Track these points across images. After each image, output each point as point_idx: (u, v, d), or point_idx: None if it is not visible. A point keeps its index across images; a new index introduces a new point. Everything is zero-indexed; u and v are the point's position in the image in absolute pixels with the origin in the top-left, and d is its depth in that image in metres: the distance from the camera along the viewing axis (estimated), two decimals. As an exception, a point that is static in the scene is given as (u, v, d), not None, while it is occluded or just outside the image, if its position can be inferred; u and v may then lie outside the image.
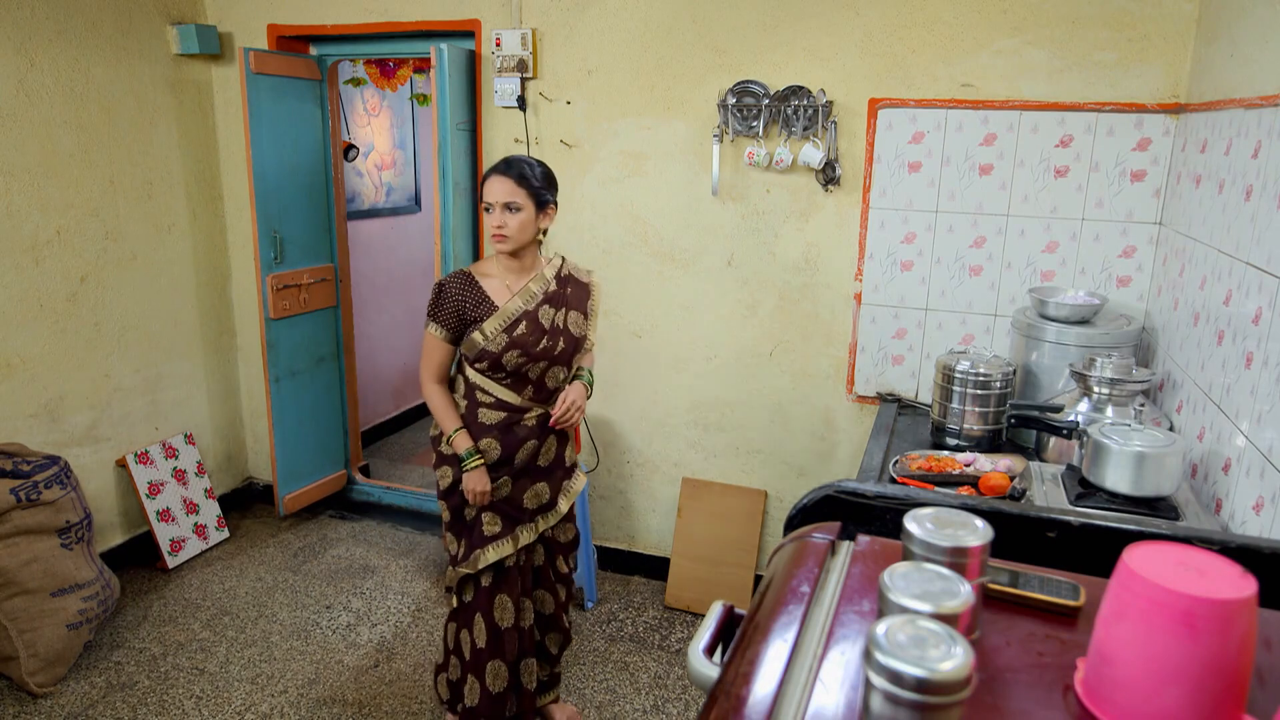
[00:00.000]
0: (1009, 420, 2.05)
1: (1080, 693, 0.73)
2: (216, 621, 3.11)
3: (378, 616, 3.16)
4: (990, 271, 2.76)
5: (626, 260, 3.20)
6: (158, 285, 3.53)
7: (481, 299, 2.16)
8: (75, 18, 3.11)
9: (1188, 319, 2.16)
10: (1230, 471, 1.75)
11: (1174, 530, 0.97)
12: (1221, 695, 0.66)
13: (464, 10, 3.21)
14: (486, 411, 2.20)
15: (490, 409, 2.20)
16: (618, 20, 3.02)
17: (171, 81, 3.51)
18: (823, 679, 0.75)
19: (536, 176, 2.13)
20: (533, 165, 2.15)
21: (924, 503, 0.99)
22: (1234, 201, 1.90)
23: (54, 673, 2.72)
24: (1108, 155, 2.57)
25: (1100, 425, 1.80)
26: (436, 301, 2.17)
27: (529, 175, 2.12)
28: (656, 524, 3.41)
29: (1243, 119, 1.90)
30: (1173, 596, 0.66)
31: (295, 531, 3.80)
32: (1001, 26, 2.59)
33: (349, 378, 3.97)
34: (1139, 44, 2.48)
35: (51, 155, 3.08)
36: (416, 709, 2.67)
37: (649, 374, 3.29)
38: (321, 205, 3.74)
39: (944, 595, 0.74)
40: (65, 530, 2.78)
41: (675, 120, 3.03)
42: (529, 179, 2.11)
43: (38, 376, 3.10)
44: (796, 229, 2.95)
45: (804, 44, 2.81)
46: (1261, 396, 1.62)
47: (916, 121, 2.73)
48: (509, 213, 2.10)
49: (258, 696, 2.71)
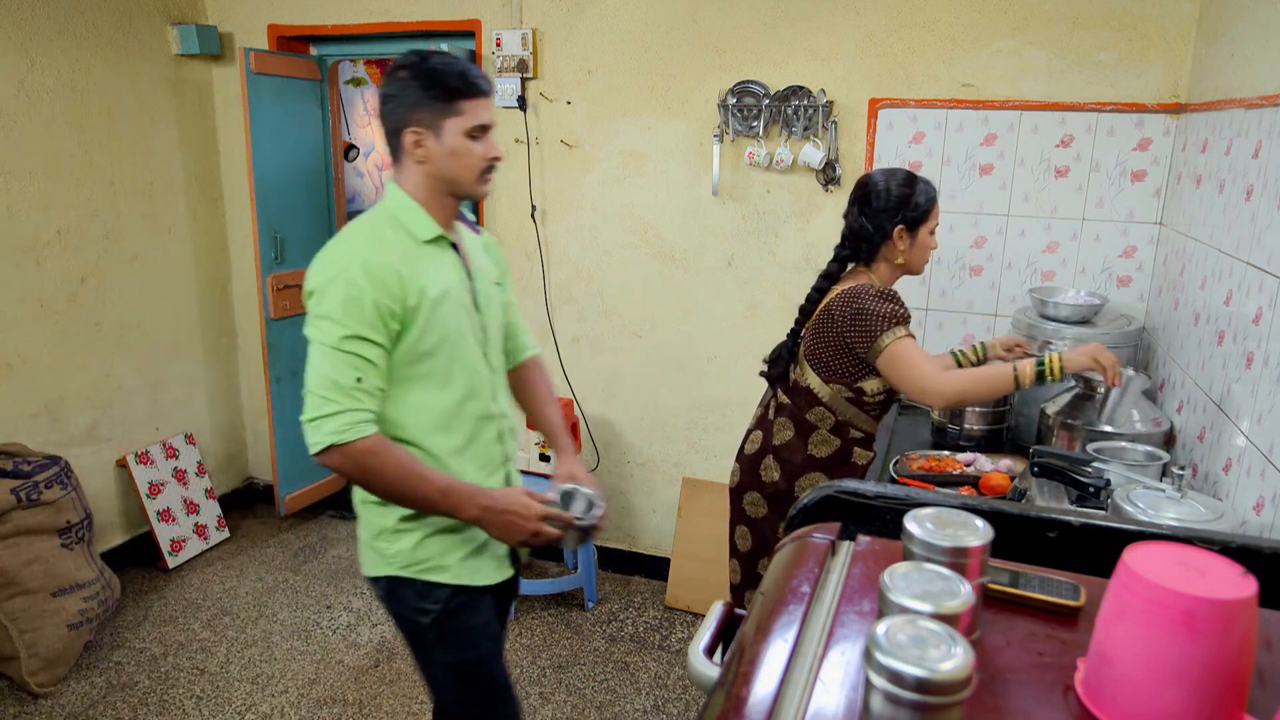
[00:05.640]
0: (1032, 468, 1.83)
1: (1080, 693, 0.73)
2: (217, 621, 3.11)
3: (378, 616, 3.16)
4: (990, 271, 2.76)
5: (627, 260, 3.20)
6: (158, 285, 3.53)
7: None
8: (75, 18, 3.11)
9: (1188, 319, 2.16)
10: (1230, 471, 1.75)
11: (1174, 530, 0.97)
12: (1222, 695, 0.66)
13: (464, 10, 3.21)
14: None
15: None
16: (618, 20, 3.02)
17: (172, 82, 3.51)
18: (823, 679, 0.75)
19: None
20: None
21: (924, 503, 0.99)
22: (1234, 201, 1.90)
23: (54, 673, 2.72)
24: (1108, 155, 2.57)
25: (1131, 490, 1.55)
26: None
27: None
28: (657, 524, 3.41)
29: (1243, 119, 1.90)
30: (1173, 596, 0.66)
31: (296, 531, 3.80)
32: (1002, 26, 2.59)
33: (349, 378, 3.96)
34: (1139, 44, 2.48)
35: (52, 155, 3.08)
36: (416, 709, 2.67)
37: (649, 374, 3.29)
38: (322, 205, 3.74)
39: (944, 595, 0.74)
40: (66, 530, 2.78)
41: (675, 120, 3.03)
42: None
43: (38, 376, 3.10)
44: (797, 229, 2.95)
45: (804, 44, 2.81)
46: (1262, 396, 1.62)
47: (917, 121, 2.73)
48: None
49: (258, 696, 2.71)
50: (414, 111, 1.49)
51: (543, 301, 3.35)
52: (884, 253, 2.03)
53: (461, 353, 1.57)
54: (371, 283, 1.43)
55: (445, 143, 1.50)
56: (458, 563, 1.62)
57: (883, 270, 2.05)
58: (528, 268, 3.35)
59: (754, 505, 2.15)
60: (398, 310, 1.46)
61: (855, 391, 2.02)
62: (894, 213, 1.99)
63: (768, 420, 2.16)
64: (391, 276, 1.45)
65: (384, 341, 1.47)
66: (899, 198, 1.99)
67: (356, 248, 1.47)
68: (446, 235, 1.58)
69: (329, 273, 1.45)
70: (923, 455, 2.23)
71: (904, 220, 1.99)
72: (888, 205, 2.00)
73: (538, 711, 2.68)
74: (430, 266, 1.52)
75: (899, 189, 2.00)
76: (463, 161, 1.52)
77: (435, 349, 1.52)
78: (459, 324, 1.56)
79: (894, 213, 1.99)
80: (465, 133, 1.50)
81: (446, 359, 1.54)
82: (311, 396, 1.45)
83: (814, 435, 2.07)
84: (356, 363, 1.44)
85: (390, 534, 1.60)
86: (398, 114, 1.51)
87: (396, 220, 1.54)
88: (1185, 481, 1.54)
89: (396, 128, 1.52)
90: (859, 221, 2.03)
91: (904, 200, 1.99)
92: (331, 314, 1.44)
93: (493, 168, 1.57)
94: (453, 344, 1.55)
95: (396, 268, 1.46)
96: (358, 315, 1.43)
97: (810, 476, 2.07)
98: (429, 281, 1.50)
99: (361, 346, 1.44)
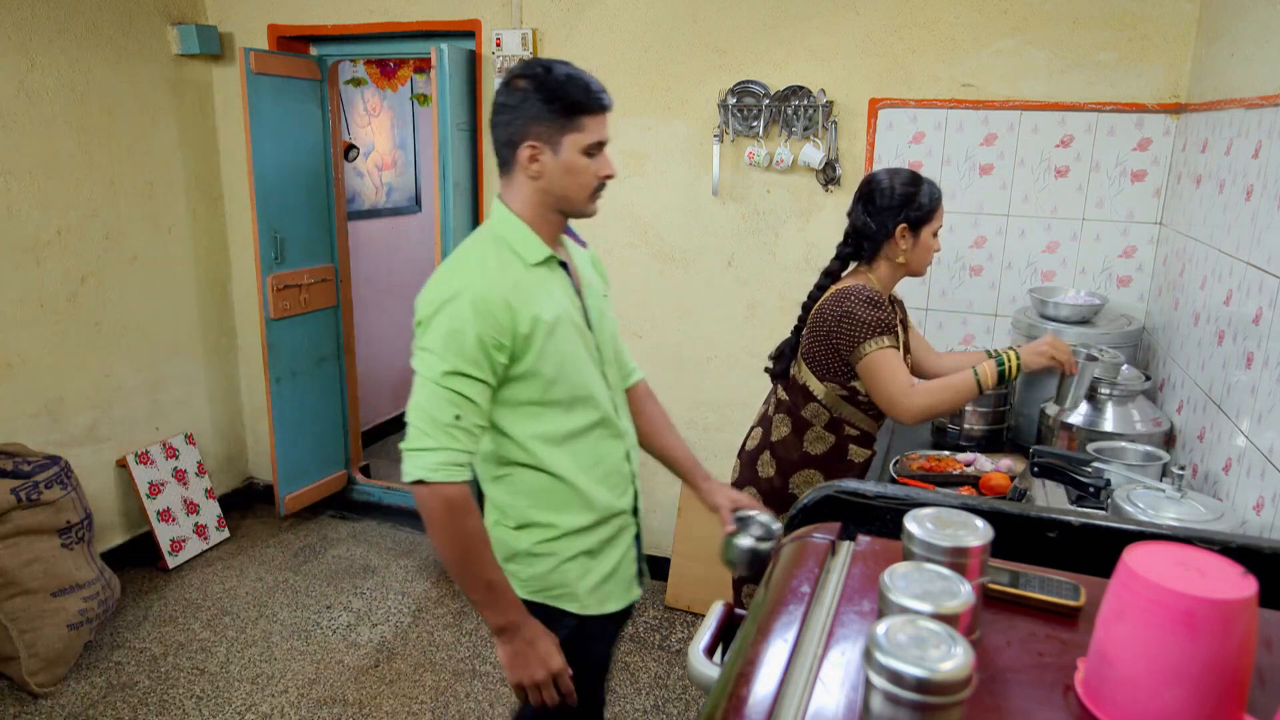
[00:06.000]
0: (1032, 468, 1.83)
1: (1080, 693, 0.73)
2: (217, 621, 3.11)
3: (378, 616, 3.16)
4: (990, 271, 2.76)
5: (627, 260, 3.20)
6: (158, 285, 3.53)
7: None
8: (75, 18, 3.11)
9: (1188, 319, 2.16)
10: (1230, 471, 1.75)
11: (1174, 530, 0.97)
12: (1222, 695, 0.66)
13: (464, 10, 3.21)
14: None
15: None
16: (618, 20, 3.02)
17: (172, 82, 3.51)
18: (823, 679, 0.75)
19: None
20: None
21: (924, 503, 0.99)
22: (1234, 201, 1.90)
23: (54, 673, 2.72)
24: (1108, 155, 2.57)
25: (1131, 490, 1.54)
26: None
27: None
28: (657, 524, 3.40)
29: (1243, 119, 1.90)
30: (1173, 596, 0.66)
31: (295, 531, 3.80)
32: (1002, 26, 2.59)
33: (349, 378, 3.97)
34: (1139, 44, 2.48)
35: (52, 155, 3.08)
36: (416, 709, 2.67)
37: (649, 374, 3.26)
38: (322, 205, 3.74)
39: (944, 595, 0.74)
40: (66, 530, 2.78)
41: (675, 120, 3.03)
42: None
43: (38, 376, 3.10)
44: (797, 229, 2.95)
45: (804, 44, 2.81)
46: (1262, 396, 1.62)
47: (917, 121, 2.73)
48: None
49: (258, 696, 2.71)
50: (532, 125, 1.41)
51: (543, 301, 3.35)
52: (886, 251, 2.02)
53: (581, 375, 1.51)
54: (477, 315, 1.37)
55: (562, 158, 1.43)
56: (587, 592, 1.58)
57: (884, 269, 2.05)
58: (528, 268, 3.35)
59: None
60: (506, 342, 1.40)
61: (849, 390, 2.02)
62: (897, 211, 1.99)
63: (768, 417, 2.17)
64: (500, 308, 1.39)
65: (487, 378, 1.40)
66: (903, 196, 1.99)
67: (463, 278, 1.41)
68: (555, 255, 1.51)
69: (435, 304, 1.40)
70: (923, 455, 2.23)
71: (907, 219, 1.99)
72: (891, 203, 1.99)
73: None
74: (541, 291, 1.46)
75: (903, 188, 1.99)
76: (578, 179, 1.45)
77: (556, 376, 1.47)
78: (575, 347, 1.50)
79: (897, 211, 1.99)
80: (583, 149, 1.43)
81: (568, 384, 1.49)
82: (412, 428, 1.40)
83: (809, 432, 2.07)
84: (455, 399, 1.38)
85: (525, 558, 1.56)
86: (514, 126, 1.43)
87: (504, 242, 1.47)
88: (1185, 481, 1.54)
89: (512, 140, 1.44)
90: (862, 219, 2.03)
91: (908, 199, 1.98)
92: (434, 347, 1.38)
93: (604, 186, 1.50)
94: (572, 368, 1.49)
95: (506, 297, 1.39)
96: (459, 350, 1.37)
97: (805, 473, 2.07)
98: (541, 308, 1.43)
99: (462, 383, 1.38)
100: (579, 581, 1.57)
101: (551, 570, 1.56)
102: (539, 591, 1.57)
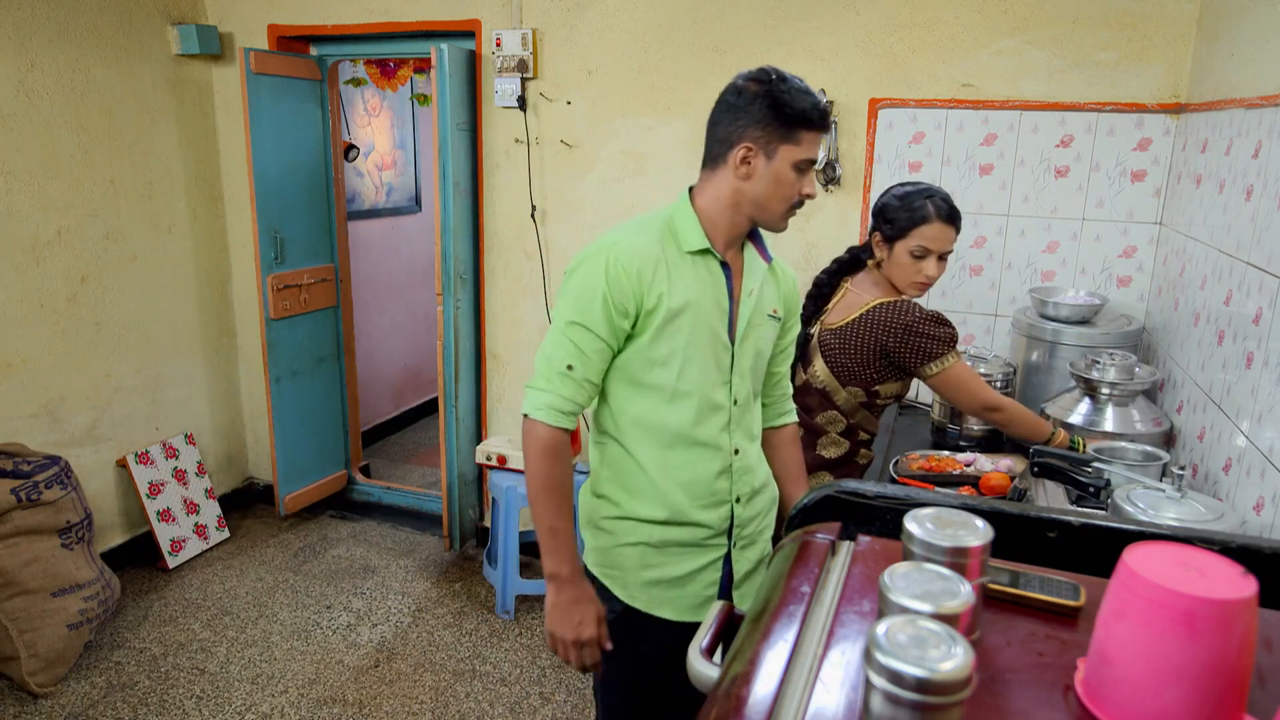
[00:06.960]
0: (1032, 468, 1.84)
1: (1080, 693, 0.73)
2: (217, 621, 3.11)
3: (378, 616, 3.16)
4: (990, 271, 2.76)
5: (627, 260, 3.20)
6: (158, 285, 3.53)
7: None
8: (75, 18, 3.11)
9: (1188, 319, 2.16)
10: (1230, 471, 1.75)
11: (1174, 530, 0.97)
12: (1222, 695, 0.66)
13: (464, 10, 3.21)
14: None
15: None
16: (618, 20, 3.02)
17: (172, 82, 3.51)
18: (823, 679, 0.75)
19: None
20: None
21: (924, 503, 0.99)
22: (1234, 201, 1.90)
23: (54, 673, 2.72)
24: (1108, 155, 2.57)
25: (1131, 490, 1.54)
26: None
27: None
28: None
29: (1243, 119, 1.90)
30: (1173, 596, 0.66)
31: (295, 531, 3.80)
32: (1002, 26, 2.59)
33: (349, 378, 3.97)
34: (1139, 44, 2.48)
35: (52, 155, 3.08)
36: (416, 709, 2.67)
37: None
38: (322, 205, 3.74)
39: (944, 595, 0.74)
40: (66, 530, 2.78)
41: (676, 120, 3.03)
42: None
43: (38, 376, 3.10)
44: (797, 229, 2.95)
45: (804, 44, 2.81)
46: (1262, 396, 1.62)
47: (917, 121, 2.73)
48: (942, 263, 2.00)
49: (258, 696, 2.71)
50: (754, 128, 1.45)
51: (543, 301, 3.35)
52: (873, 256, 2.05)
53: (695, 372, 1.50)
54: (608, 277, 1.43)
55: (774, 167, 1.46)
56: (640, 585, 1.57)
57: (873, 275, 2.06)
58: (528, 268, 3.35)
59: None
60: (630, 309, 1.45)
61: (870, 395, 2.03)
62: (875, 218, 2.02)
63: None
64: (629, 275, 1.43)
65: (606, 337, 1.46)
66: (881, 205, 2.01)
67: (611, 241, 1.47)
68: (713, 250, 1.51)
69: (580, 259, 1.48)
70: (923, 455, 2.22)
71: (879, 229, 2.01)
72: (875, 210, 2.03)
73: (538, 711, 2.69)
74: (681, 277, 1.48)
75: (887, 197, 2.01)
76: (781, 190, 1.47)
77: (667, 360, 1.48)
78: (698, 340, 1.49)
79: (875, 218, 2.02)
80: (795, 163, 1.45)
81: (676, 373, 1.49)
82: (536, 367, 1.49)
83: (823, 438, 2.07)
84: (572, 351, 1.45)
85: (592, 528, 1.61)
86: (737, 126, 1.47)
87: (669, 224, 1.51)
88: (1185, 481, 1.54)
89: (729, 139, 1.48)
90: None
91: (881, 210, 2.00)
92: (567, 297, 1.47)
93: (801, 204, 1.52)
94: (687, 360, 1.49)
95: (638, 267, 1.44)
96: (587, 305, 1.44)
97: (817, 476, 2.08)
98: (672, 290, 1.46)
99: (582, 335, 1.45)
100: (633, 571, 1.58)
101: (611, 548, 1.59)
102: (598, 565, 1.61)
